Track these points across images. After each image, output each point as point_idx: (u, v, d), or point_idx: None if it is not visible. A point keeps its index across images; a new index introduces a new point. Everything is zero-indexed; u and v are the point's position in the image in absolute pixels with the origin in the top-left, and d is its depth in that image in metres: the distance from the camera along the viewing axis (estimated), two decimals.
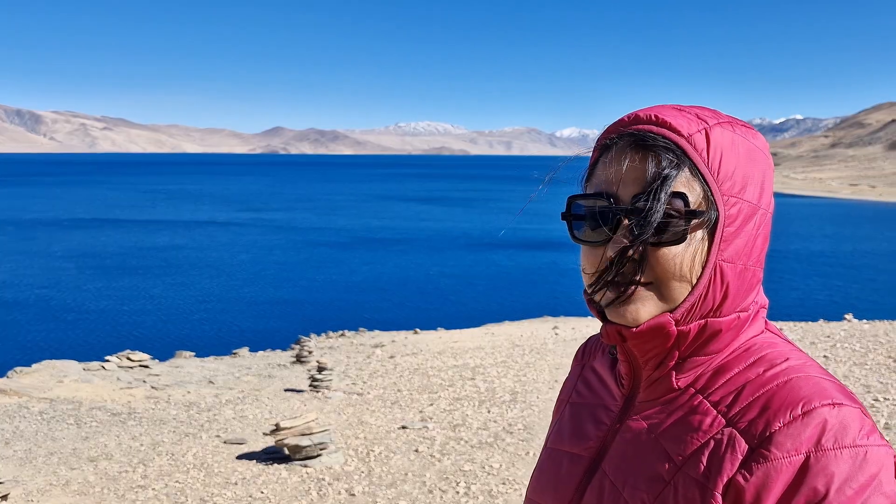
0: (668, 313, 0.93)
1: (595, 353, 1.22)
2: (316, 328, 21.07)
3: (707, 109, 0.98)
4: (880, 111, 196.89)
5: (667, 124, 0.93)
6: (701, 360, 0.96)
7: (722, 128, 0.94)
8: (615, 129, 0.98)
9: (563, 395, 1.23)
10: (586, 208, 0.98)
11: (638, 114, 0.96)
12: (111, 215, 62.92)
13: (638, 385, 1.02)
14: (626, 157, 0.93)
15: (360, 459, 7.17)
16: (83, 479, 6.68)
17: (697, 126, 0.93)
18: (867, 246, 44.61)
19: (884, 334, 11.95)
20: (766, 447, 0.83)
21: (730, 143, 0.94)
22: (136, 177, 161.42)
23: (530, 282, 32.85)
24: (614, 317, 0.95)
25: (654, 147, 0.92)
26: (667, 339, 0.94)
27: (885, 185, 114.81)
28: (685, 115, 0.95)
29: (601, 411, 1.08)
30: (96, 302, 26.76)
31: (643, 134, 0.93)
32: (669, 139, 0.92)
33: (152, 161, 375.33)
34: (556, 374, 10.89)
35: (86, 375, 11.71)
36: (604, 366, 1.15)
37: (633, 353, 0.99)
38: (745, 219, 0.94)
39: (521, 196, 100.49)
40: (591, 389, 1.15)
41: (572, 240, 1.01)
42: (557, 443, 1.13)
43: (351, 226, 57.44)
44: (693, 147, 0.92)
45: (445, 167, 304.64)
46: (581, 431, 1.09)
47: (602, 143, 0.99)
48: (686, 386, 0.96)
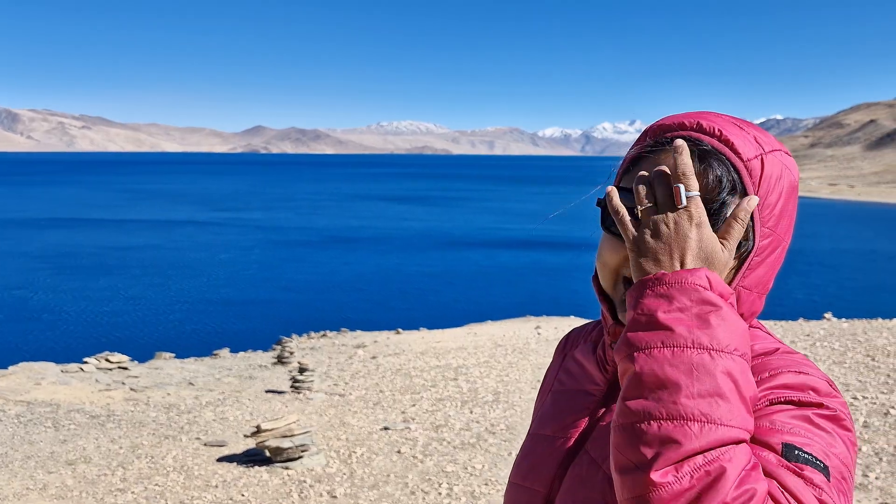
0: None
1: (577, 342, 1.24)
2: (297, 328, 20.96)
3: (761, 131, 0.98)
4: (858, 112, 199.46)
5: (730, 143, 0.93)
6: None
7: (775, 156, 0.96)
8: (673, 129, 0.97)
9: (546, 384, 1.26)
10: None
11: (700, 122, 0.96)
12: (89, 215, 62.25)
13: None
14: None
15: (342, 461, 7.13)
16: (61, 483, 6.58)
17: (756, 151, 0.94)
18: (846, 245, 45.14)
19: (862, 333, 12.09)
20: None
21: (779, 174, 0.95)
22: (114, 176, 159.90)
23: (512, 281, 32.92)
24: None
25: (711, 161, 0.92)
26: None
27: (864, 184, 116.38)
28: (745, 135, 0.95)
29: (582, 396, 1.11)
30: (74, 303, 26.46)
31: (705, 147, 0.93)
32: (730, 160, 0.92)
33: (131, 160, 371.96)
34: (539, 374, 10.90)
35: (64, 377, 11.55)
36: (584, 353, 1.17)
37: None
38: (770, 251, 0.96)
39: (503, 196, 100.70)
40: (571, 377, 1.17)
41: (602, 227, 1.00)
42: (539, 428, 1.16)
43: (332, 225, 57.25)
44: (749, 174, 0.93)
45: (427, 167, 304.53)
46: (563, 416, 1.11)
47: (655, 141, 0.98)
48: None
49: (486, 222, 61.63)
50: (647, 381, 0.78)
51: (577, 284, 32.14)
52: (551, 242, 47.00)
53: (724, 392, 0.76)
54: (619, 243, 0.95)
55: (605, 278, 1.00)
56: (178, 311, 25.56)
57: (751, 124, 0.99)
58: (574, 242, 47.04)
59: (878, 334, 11.79)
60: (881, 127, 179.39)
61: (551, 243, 46.48)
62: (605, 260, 0.99)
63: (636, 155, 0.99)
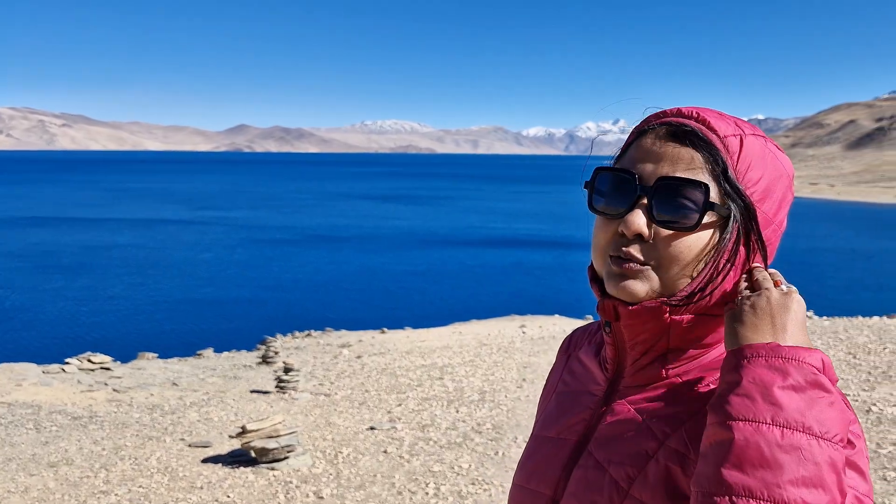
0: (665, 298, 0.95)
1: (581, 343, 1.25)
2: (281, 328, 20.87)
3: (746, 122, 1.02)
4: (838, 112, 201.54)
5: (706, 122, 0.97)
6: (691, 354, 0.99)
7: (756, 139, 0.98)
8: (656, 117, 1.02)
9: (550, 385, 1.26)
10: (609, 181, 1.00)
11: (681, 108, 1.00)
12: (70, 214, 61.64)
13: (622, 370, 1.06)
14: (659, 142, 0.97)
15: (328, 461, 7.10)
16: (43, 486, 6.51)
17: (734, 130, 0.97)
18: (827, 244, 45.63)
19: (843, 331, 12.21)
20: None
21: (760, 154, 0.97)
22: (96, 175, 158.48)
23: (496, 280, 32.98)
24: (613, 290, 0.97)
25: (690, 139, 0.95)
26: (659, 323, 0.96)
27: (844, 184, 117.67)
28: (725, 119, 0.99)
29: (585, 396, 1.11)
30: (55, 303, 26.19)
31: (681, 125, 0.96)
32: (705, 136, 0.95)
33: (113, 159, 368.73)
34: (524, 372, 10.92)
35: (45, 378, 11.43)
36: (588, 354, 1.18)
37: (623, 334, 1.01)
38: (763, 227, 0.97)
39: (487, 195, 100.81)
40: (575, 377, 1.18)
41: (589, 209, 1.03)
42: (543, 430, 1.16)
43: (315, 224, 57.06)
44: (726, 148, 0.95)
45: (412, 166, 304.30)
46: (566, 417, 1.11)
47: (640, 128, 1.02)
48: (674, 375, 0.99)
49: (470, 221, 61.71)
50: (750, 456, 0.77)
51: (562, 283, 32.25)
52: (535, 241, 47.11)
53: (827, 484, 0.76)
54: (607, 221, 0.99)
55: (596, 259, 1.02)
56: (160, 311, 25.38)
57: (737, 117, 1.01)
58: (557, 241, 47.18)
59: (858, 332, 11.92)
60: (861, 127, 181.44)
61: (535, 242, 46.59)
62: (595, 241, 1.01)
63: (628, 143, 1.04)
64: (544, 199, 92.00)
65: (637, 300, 0.95)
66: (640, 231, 0.94)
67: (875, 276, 35.07)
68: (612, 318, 1.00)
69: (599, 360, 1.13)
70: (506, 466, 6.77)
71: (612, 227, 0.98)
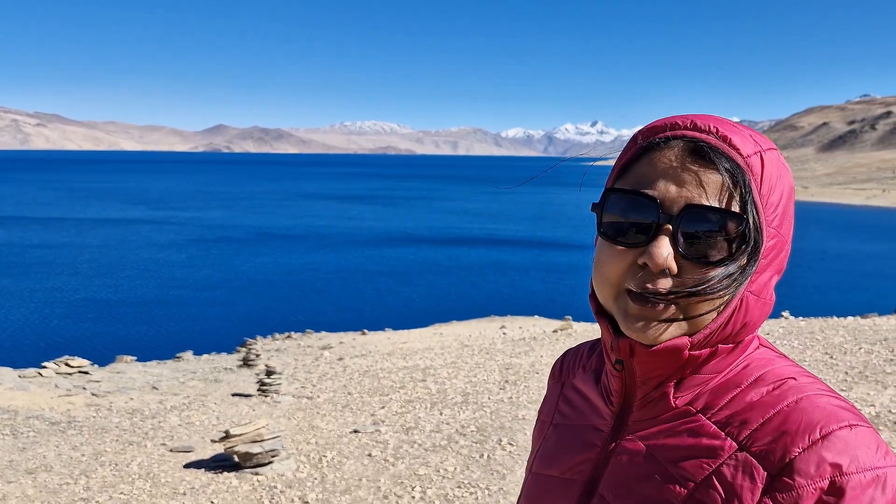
0: (687, 337, 0.88)
1: (573, 369, 1.17)
2: (261, 330, 20.74)
3: (754, 131, 0.94)
4: (811, 114, 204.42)
5: (727, 140, 0.88)
6: (700, 379, 0.93)
7: (772, 154, 0.91)
8: (665, 129, 0.91)
9: (544, 415, 1.17)
10: (624, 204, 0.90)
11: (695, 121, 0.90)
12: (42, 214, 60.76)
13: (630, 404, 0.98)
14: (680, 162, 0.88)
15: (313, 465, 7.07)
16: (21, 493, 6.40)
17: (754, 147, 0.89)
18: (801, 245, 46.15)
19: (819, 331, 12.37)
20: (787, 474, 0.81)
21: (777, 173, 0.90)
22: (70, 174, 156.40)
23: (475, 281, 33.03)
24: (633, 333, 0.89)
25: (715, 160, 0.87)
26: (677, 361, 0.90)
27: (818, 185, 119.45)
28: (741, 133, 0.90)
29: (589, 432, 1.03)
30: (29, 305, 25.80)
31: (703, 143, 0.88)
32: (730, 156, 0.87)
33: (88, 159, 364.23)
34: (507, 374, 10.94)
35: (21, 383, 11.25)
36: (586, 383, 1.10)
37: (634, 370, 0.94)
38: (777, 253, 0.92)
39: (466, 196, 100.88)
40: (574, 409, 1.10)
41: (601, 237, 0.93)
42: (544, 467, 1.08)
43: (294, 225, 56.78)
44: (750, 170, 0.87)
45: (391, 167, 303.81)
46: (570, 454, 1.04)
47: (648, 141, 0.92)
48: (684, 405, 0.93)
49: (449, 222, 61.73)
50: None
51: (540, 284, 32.37)
52: (512, 242, 47.23)
53: None
54: (621, 250, 0.89)
55: (604, 292, 0.93)
56: (137, 313, 25.10)
57: (742, 124, 0.94)
58: (535, 242, 47.35)
59: (834, 332, 12.09)
60: (833, 129, 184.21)
61: (513, 243, 46.71)
62: (604, 272, 0.91)
63: (631, 156, 0.93)
64: (523, 200, 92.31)
65: (658, 343, 0.88)
66: (668, 266, 0.85)
67: (848, 276, 35.60)
68: (627, 357, 0.93)
69: (601, 391, 1.05)
70: (491, 469, 6.78)
71: (628, 257, 0.89)
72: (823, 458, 0.80)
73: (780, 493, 0.81)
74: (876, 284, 32.78)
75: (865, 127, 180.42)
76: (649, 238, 0.87)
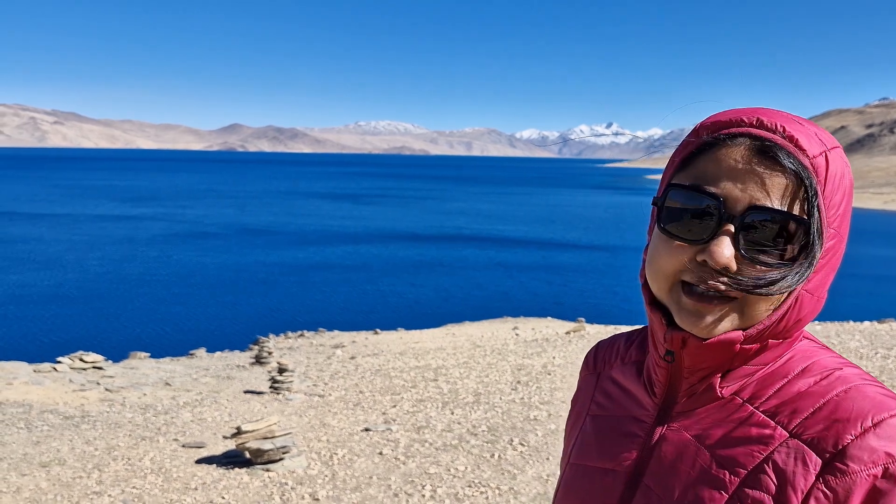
0: (742, 331, 0.89)
1: (610, 361, 1.17)
2: (274, 328, 20.84)
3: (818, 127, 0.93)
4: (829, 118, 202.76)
5: (794, 140, 0.87)
6: (746, 370, 0.94)
7: (836, 153, 0.90)
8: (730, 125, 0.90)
9: (580, 406, 1.18)
10: (686, 200, 0.90)
11: (761, 118, 0.89)
12: (56, 211, 61.30)
13: (674, 394, 0.99)
14: (745, 162, 0.87)
15: (324, 463, 7.07)
16: (35, 486, 6.45)
17: (819, 148, 0.88)
18: None
19: (835, 335, 12.27)
20: (841, 460, 0.82)
21: (841, 173, 0.90)
22: (86, 172, 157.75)
23: (488, 282, 32.98)
24: (689, 326, 0.90)
25: (781, 161, 0.86)
26: (728, 354, 0.91)
27: None
28: (807, 130, 0.89)
29: (631, 423, 1.04)
30: (47, 301, 26.03)
31: (769, 142, 0.87)
32: (797, 158, 0.86)
33: (104, 157, 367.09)
34: (518, 374, 10.91)
35: (36, 377, 11.35)
36: (626, 374, 1.11)
37: (683, 361, 0.95)
38: (834, 253, 0.92)
39: (478, 197, 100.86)
40: (613, 400, 1.10)
41: (658, 228, 0.93)
42: (583, 458, 1.08)
43: (308, 224, 56.96)
44: (815, 171, 0.87)
45: (405, 167, 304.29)
46: (611, 445, 1.04)
47: (713, 136, 0.91)
48: (731, 395, 0.94)
49: (461, 223, 61.72)
50: None
51: (553, 286, 32.28)
52: (526, 243, 47.16)
53: None
54: (679, 246, 0.90)
55: (658, 283, 0.93)
56: (152, 310, 25.26)
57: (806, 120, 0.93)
58: (548, 243, 47.26)
59: (850, 337, 11.98)
60: (851, 133, 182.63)
61: (526, 244, 46.63)
62: (660, 265, 0.92)
63: (693, 150, 0.93)
64: (536, 202, 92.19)
65: (712, 336, 0.89)
66: (728, 265, 0.86)
67: (865, 281, 35.26)
68: (679, 349, 0.94)
69: (643, 382, 1.06)
70: (502, 469, 6.76)
71: (687, 253, 0.89)
72: (876, 446, 0.81)
73: (835, 478, 0.82)
74: (893, 290, 32.47)
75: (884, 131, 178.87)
76: (710, 236, 0.87)
